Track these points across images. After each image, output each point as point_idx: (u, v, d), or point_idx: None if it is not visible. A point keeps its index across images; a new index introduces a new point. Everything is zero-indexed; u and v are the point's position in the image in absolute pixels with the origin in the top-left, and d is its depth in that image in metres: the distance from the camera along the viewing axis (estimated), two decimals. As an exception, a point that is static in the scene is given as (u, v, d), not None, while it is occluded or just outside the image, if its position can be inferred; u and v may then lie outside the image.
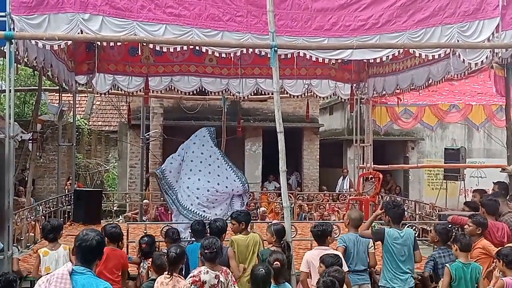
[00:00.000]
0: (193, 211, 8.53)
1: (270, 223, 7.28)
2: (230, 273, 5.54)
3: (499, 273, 5.91)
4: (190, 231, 7.42)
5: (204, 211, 8.50)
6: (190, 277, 5.34)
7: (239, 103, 15.74)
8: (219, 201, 8.66)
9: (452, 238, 6.44)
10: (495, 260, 6.09)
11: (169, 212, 13.57)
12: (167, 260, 5.64)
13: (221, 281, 5.34)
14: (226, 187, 8.70)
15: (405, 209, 11.54)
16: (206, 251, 5.43)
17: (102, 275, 5.98)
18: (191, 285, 5.25)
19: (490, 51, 7.58)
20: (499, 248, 6.18)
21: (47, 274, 4.08)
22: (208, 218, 8.41)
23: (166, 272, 5.57)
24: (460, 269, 6.02)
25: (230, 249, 6.43)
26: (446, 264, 6.17)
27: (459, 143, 19.49)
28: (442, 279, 6.10)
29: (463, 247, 6.12)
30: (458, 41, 7.55)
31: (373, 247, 6.70)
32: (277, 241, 6.54)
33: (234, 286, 5.46)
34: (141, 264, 6.66)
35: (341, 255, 5.91)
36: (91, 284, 3.68)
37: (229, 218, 7.16)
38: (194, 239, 7.02)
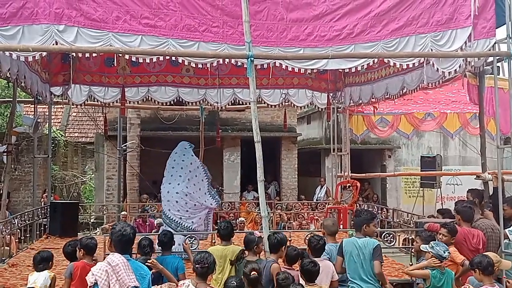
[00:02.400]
0: (170, 217, 8.85)
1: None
2: None
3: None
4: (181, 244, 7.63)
5: (180, 218, 8.78)
6: None
7: (217, 113, 15.73)
8: (196, 209, 8.87)
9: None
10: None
11: (147, 224, 13.53)
12: None
13: None
14: (199, 197, 8.93)
15: (379, 217, 11.70)
16: (197, 265, 5.35)
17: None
18: None
19: (463, 60, 7.72)
20: (473, 258, 6.26)
21: None
22: (185, 226, 8.72)
23: None
24: (437, 278, 6.10)
25: None
26: (428, 269, 6.24)
27: (435, 151, 19.69)
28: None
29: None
30: (431, 50, 7.67)
31: None
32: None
33: None
34: None
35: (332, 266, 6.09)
36: (137, 267, 4.89)
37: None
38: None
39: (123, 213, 14.54)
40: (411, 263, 7.35)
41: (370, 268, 6.10)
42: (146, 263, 5.71)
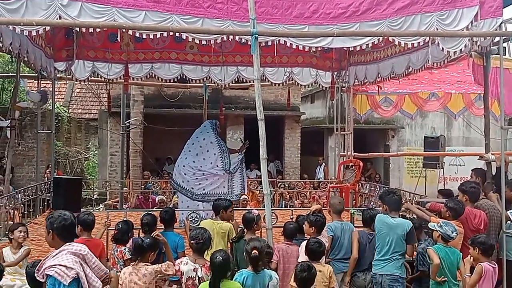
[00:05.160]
0: (183, 186, 9.65)
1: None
2: None
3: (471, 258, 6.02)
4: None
5: (192, 188, 9.58)
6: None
7: (220, 91, 15.69)
8: (205, 176, 9.59)
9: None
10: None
11: (149, 200, 13.60)
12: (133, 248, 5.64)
13: (198, 275, 5.34)
14: (208, 168, 9.64)
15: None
16: (192, 241, 5.45)
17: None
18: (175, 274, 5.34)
19: (469, 39, 7.64)
20: (475, 236, 6.28)
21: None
22: (198, 194, 9.50)
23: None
24: (442, 250, 6.09)
25: None
26: (429, 247, 6.25)
27: (438, 132, 19.65)
28: (432, 263, 6.12)
29: None
30: (437, 29, 7.59)
31: None
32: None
33: None
34: (113, 248, 6.61)
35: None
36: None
37: None
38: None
39: (125, 189, 14.62)
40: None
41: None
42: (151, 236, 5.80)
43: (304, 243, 6.09)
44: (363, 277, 6.47)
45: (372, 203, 11.72)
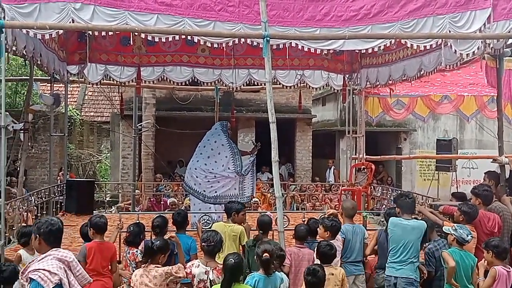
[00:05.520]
0: (195, 189, 9.69)
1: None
2: None
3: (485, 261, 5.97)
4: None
5: (204, 190, 9.61)
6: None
7: (232, 93, 15.71)
8: (216, 179, 9.63)
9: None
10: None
11: (161, 202, 13.64)
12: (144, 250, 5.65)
13: (210, 278, 5.34)
14: (219, 171, 9.67)
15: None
16: (203, 244, 5.46)
17: (91, 271, 5.98)
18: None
19: (481, 41, 7.61)
20: (489, 239, 6.23)
21: None
22: (210, 196, 9.56)
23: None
24: (457, 254, 6.05)
25: None
26: (444, 250, 6.21)
27: (451, 134, 19.52)
28: (446, 267, 6.06)
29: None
30: (449, 31, 7.55)
31: (368, 238, 6.76)
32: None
33: None
34: (125, 250, 6.64)
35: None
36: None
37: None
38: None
39: (137, 191, 14.68)
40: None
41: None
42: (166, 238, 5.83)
43: None
44: (382, 275, 6.48)
45: (384, 206, 11.67)
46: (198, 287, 5.39)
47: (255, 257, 5.46)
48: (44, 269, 4.08)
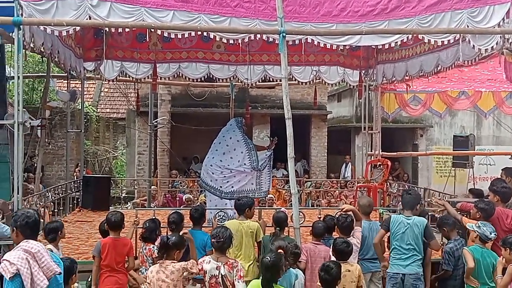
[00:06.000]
0: (211, 185, 9.65)
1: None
2: (237, 267, 5.43)
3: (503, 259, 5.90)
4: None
5: (221, 186, 9.56)
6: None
7: (247, 90, 15.70)
8: (232, 174, 9.59)
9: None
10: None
11: (177, 199, 13.69)
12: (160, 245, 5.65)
13: (221, 273, 5.34)
14: (235, 166, 9.62)
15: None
16: (213, 240, 5.47)
17: (105, 266, 6.01)
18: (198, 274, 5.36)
19: (500, 37, 7.49)
20: (507, 236, 6.15)
21: None
22: (227, 192, 9.53)
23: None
24: (479, 252, 5.99)
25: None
26: (465, 248, 6.15)
27: (468, 131, 19.33)
28: (466, 266, 6.03)
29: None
30: (468, 26, 7.46)
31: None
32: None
33: (239, 281, 5.33)
34: (142, 246, 6.65)
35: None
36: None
37: None
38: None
39: (153, 187, 14.74)
40: (442, 242, 7.25)
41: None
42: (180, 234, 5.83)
43: None
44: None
45: (400, 202, 11.58)
46: (210, 283, 5.38)
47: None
48: (5, 259, 4.15)
